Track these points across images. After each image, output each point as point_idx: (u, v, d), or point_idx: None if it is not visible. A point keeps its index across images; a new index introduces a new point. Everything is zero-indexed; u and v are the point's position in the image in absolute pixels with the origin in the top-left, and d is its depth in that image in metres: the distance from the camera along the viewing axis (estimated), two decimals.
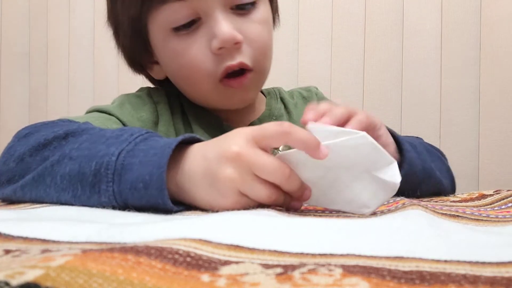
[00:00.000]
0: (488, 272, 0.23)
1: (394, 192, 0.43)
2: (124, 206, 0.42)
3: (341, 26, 1.16)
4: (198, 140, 0.45)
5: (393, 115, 1.12)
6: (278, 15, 0.75)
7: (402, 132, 1.10)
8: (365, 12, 1.15)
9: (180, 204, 0.43)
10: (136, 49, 0.69)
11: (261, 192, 0.41)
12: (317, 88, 0.84)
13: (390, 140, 0.58)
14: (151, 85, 0.76)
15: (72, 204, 0.44)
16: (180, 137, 0.43)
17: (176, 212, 0.42)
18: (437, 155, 0.72)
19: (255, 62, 0.64)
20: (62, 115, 0.59)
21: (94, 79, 1.40)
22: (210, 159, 0.42)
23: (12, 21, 1.50)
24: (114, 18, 0.70)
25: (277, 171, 0.41)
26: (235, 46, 0.62)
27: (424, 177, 0.60)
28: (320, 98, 0.81)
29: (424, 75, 1.11)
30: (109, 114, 0.64)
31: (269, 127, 0.43)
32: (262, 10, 0.66)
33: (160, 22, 0.63)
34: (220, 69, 0.62)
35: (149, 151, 0.42)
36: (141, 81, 1.36)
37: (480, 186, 1.06)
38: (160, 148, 0.42)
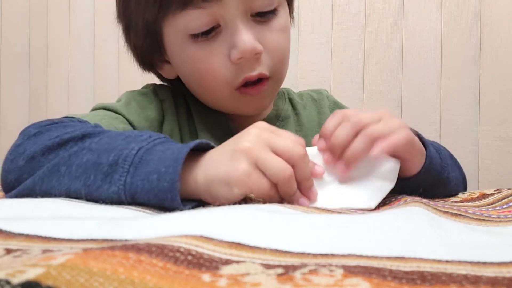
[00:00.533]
0: (489, 272, 0.23)
1: (395, 177, 0.48)
2: (130, 200, 0.43)
3: (341, 26, 1.16)
4: (213, 147, 0.47)
5: None
6: (292, 17, 0.74)
7: None
8: (365, 12, 1.15)
9: (188, 203, 0.43)
10: (148, 49, 0.68)
11: (276, 164, 0.43)
12: (327, 91, 0.83)
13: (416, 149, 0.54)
14: (154, 82, 0.76)
15: (80, 194, 0.44)
16: (197, 141, 0.45)
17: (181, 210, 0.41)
18: (458, 164, 0.70)
19: (273, 70, 0.64)
20: (62, 115, 0.58)
21: (94, 79, 1.40)
22: (229, 141, 0.45)
23: (12, 21, 1.50)
24: (126, 17, 0.68)
25: (293, 147, 0.44)
26: (255, 56, 0.61)
27: (437, 183, 0.59)
28: (331, 101, 0.80)
29: (424, 75, 1.11)
30: (116, 112, 0.63)
31: (286, 133, 0.47)
32: (282, 17, 0.65)
33: (178, 28, 0.61)
34: (238, 80, 0.62)
35: (167, 151, 0.43)
36: (141, 82, 1.36)
37: (480, 186, 1.06)
38: (177, 149, 0.43)
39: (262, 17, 0.62)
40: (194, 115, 0.69)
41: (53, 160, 0.46)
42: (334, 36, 1.17)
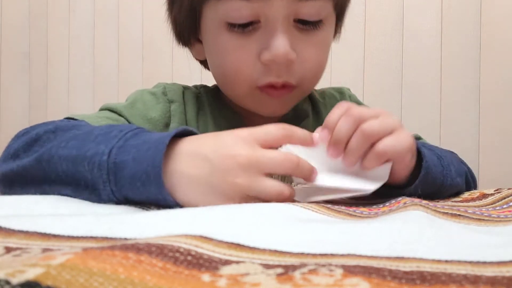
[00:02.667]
0: (489, 272, 0.23)
1: (388, 173, 0.48)
2: (125, 201, 0.42)
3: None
4: (192, 133, 0.45)
5: None
6: (340, 32, 0.73)
7: None
8: (365, 12, 1.15)
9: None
10: (186, 24, 0.67)
11: (272, 189, 0.41)
12: (349, 90, 0.82)
13: (413, 164, 0.52)
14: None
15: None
16: (173, 132, 0.43)
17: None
18: (464, 168, 0.68)
19: (301, 81, 0.63)
20: (62, 115, 0.59)
21: (94, 79, 1.40)
22: (214, 163, 0.41)
23: (12, 21, 1.50)
24: None
25: (286, 161, 0.42)
26: (286, 63, 0.60)
27: (439, 191, 0.58)
28: (354, 101, 0.78)
29: (424, 75, 1.11)
30: (120, 114, 0.63)
31: (271, 130, 0.44)
32: (326, 31, 0.63)
33: (218, 13, 0.61)
34: (262, 81, 0.61)
35: (142, 146, 0.41)
36: (141, 82, 1.36)
37: (480, 186, 1.05)
38: (153, 143, 0.41)
39: (305, 25, 0.60)
40: (208, 117, 0.68)
41: (30, 161, 0.45)
42: None
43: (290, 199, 0.43)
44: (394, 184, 0.52)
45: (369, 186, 0.47)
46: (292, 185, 0.63)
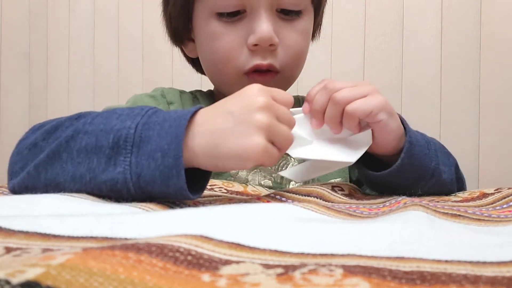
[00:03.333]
0: (489, 272, 0.23)
1: (370, 138, 0.54)
2: (135, 180, 0.43)
3: (341, 26, 1.16)
4: None
5: None
6: (319, 31, 0.79)
7: None
8: (365, 12, 1.15)
9: (194, 193, 0.44)
10: (180, 21, 0.72)
11: (286, 135, 0.46)
12: None
13: (393, 127, 0.56)
14: (164, 86, 0.77)
15: (85, 178, 0.44)
16: (193, 108, 0.45)
17: (186, 192, 0.42)
18: (453, 162, 0.69)
19: (285, 67, 0.67)
20: (62, 115, 0.59)
21: (94, 79, 1.40)
22: (236, 111, 0.45)
23: (12, 21, 1.49)
24: None
25: (291, 118, 0.48)
26: (269, 47, 0.64)
27: (425, 174, 0.59)
28: None
29: (424, 75, 1.11)
30: None
31: (282, 97, 0.49)
32: (306, 22, 0.69)
33: (207, 3, 0.66)
34: (248, 65, 0.65)
35: (164, 123, 0.44)
36: (141, 83, 1.36)
37: (480, 186, 1.06)
38: (174, 120, 0.44)
39: (286, 15, 0.66)
40: None
41: (52, 145, 0.46)
42: (334, 36, 1.17)
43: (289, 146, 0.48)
44: (384, 154, 0.57)
45: (354, 154, 0.53)
46: (285, 165, 0.68)
